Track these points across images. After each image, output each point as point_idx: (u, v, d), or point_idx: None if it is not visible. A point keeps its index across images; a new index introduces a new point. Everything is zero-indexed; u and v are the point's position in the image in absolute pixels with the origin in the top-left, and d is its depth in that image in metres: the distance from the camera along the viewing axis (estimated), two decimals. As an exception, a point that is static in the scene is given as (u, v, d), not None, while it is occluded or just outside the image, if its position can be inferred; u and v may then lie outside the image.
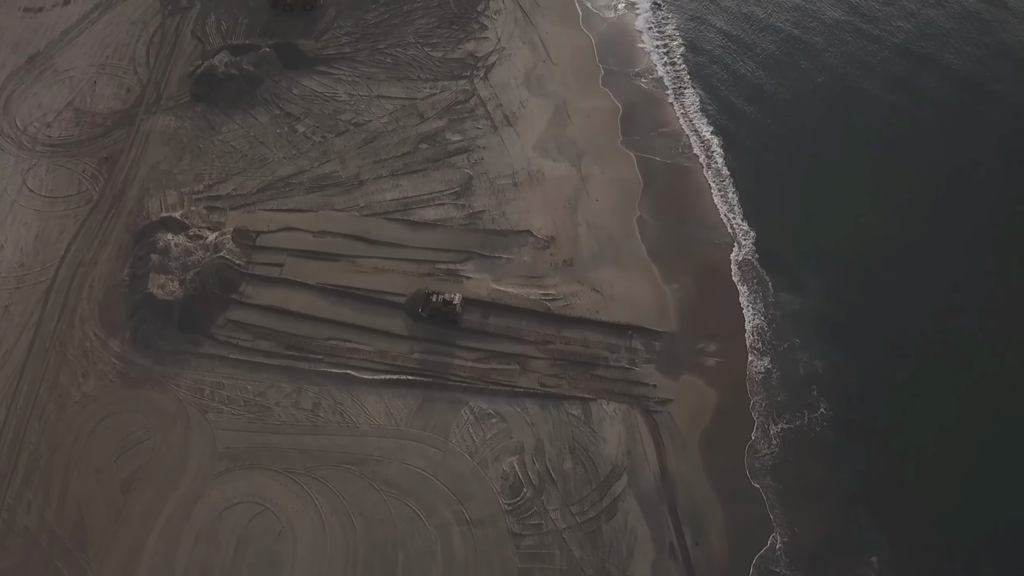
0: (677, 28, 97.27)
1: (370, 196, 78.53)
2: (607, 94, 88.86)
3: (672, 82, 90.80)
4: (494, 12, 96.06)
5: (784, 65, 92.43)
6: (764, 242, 76.78)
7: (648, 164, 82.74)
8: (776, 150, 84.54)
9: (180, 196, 77.74)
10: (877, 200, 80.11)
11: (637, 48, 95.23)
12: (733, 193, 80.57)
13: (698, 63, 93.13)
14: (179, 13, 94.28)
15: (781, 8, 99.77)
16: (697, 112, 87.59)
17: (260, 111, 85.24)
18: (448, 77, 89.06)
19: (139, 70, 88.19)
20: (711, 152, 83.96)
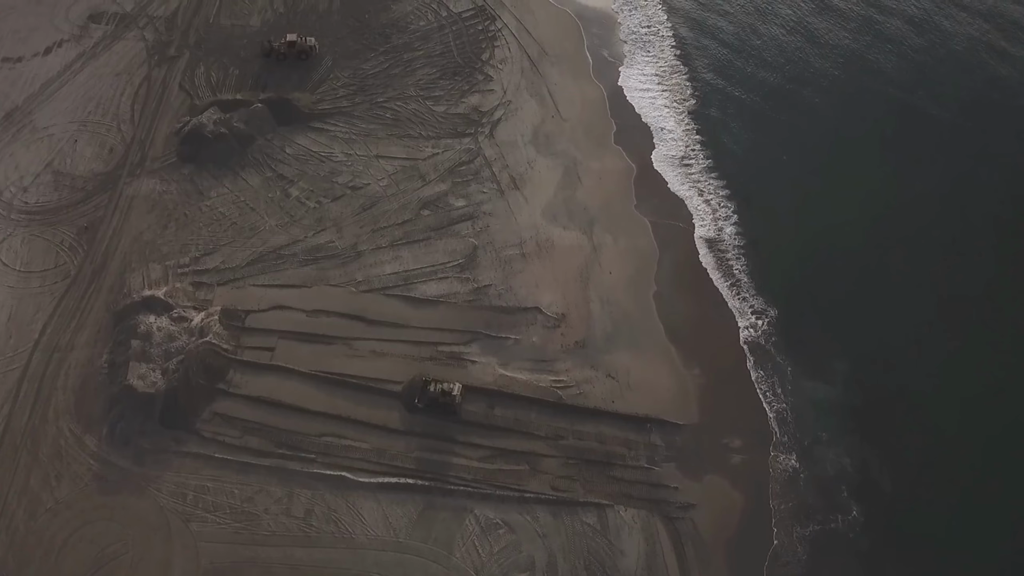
0: (690, 78, 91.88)
1: (368, 269, 73.40)
2: (620, 153, 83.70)
3: (688, 140, 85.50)
4: (499, 61, 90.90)
5: (804, 125, 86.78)
6: (785, 321, 71.79)
7: (665, 231, 77.65)
8: (794, 216, 79.32)
9: (164, 270, 72.61)
10: (906, 279, 74.77)
11: (650, 100, 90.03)
12: (753, 266, 75.38)
13: (713, 118, 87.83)
14: (166, 63, 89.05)
15: (799, 62, 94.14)
16: (714, 174, 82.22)
17: (251, 173, 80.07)
18: (451, 135, 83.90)
19: (123, 127, 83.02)
20: (727, 219, 78.72)
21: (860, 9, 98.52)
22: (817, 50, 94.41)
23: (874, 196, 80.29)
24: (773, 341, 70.42)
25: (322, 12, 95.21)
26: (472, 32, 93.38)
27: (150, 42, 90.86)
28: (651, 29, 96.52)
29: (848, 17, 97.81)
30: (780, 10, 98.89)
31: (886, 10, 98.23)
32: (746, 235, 77.42)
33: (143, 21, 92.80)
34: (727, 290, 73.85)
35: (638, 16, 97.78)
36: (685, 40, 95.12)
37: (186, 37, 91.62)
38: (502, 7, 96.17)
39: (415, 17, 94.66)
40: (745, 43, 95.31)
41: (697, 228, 78.07)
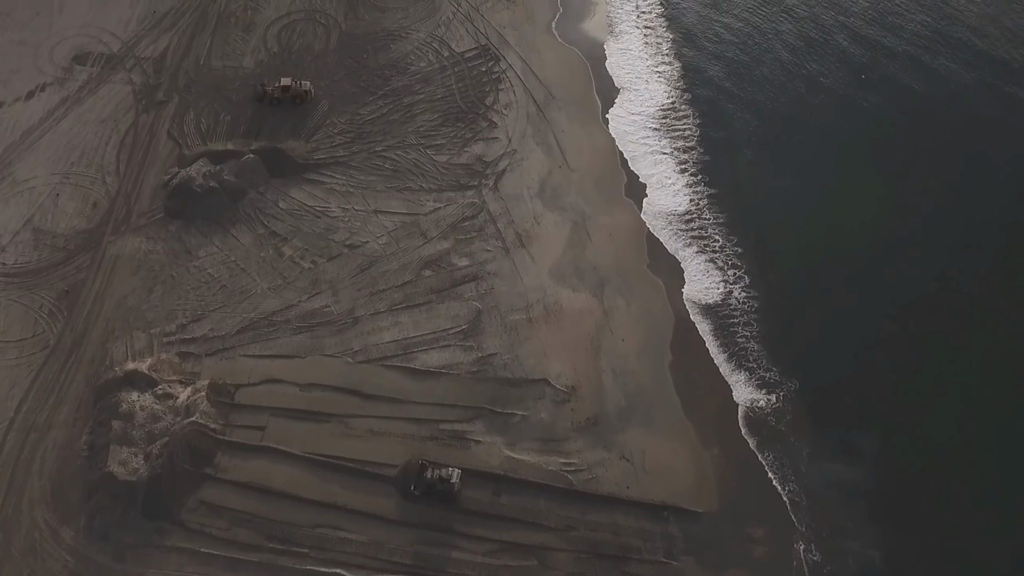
0: (700, 124, 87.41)
1: (365, 337, 69.08)
2: (631, 207, 79.42)
3: (697, 193, 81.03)
4: (504, 106, 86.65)
5: (820, 186, 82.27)
6: (809, 394, 67.31)
7: (681, 293, 73.29)
8: (810, 276, 74.99)
9: (149, 339, 68.31)
10: (931, 346, 70.43)
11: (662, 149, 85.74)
12: (764, 332, 70.86)
13: (722, 166, 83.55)
14: (154, 109, 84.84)
15: (811, 103, 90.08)
16: (728, 231, 77.82)
17: (242, 230, 75.81)
18: (454, 187, 79.63)
19: (108, 179, 78.75)
20: (736, 280, 74.21)
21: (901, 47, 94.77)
22: (823, 91, 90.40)
23: (898, 257, 75.99)
24: (803, 415, 66.02)
25: (318, 52, 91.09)
26: (475, 74, 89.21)
27: (137, 85, 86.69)
28: (660, 65, 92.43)
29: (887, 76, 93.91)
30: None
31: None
32: (757, 298, 72.81)
33: (130, 62, 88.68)
34: (748, 358, 69.39)
35: (646, 51, 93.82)
36: (693, 77, 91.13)
37: (175, 80, 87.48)
38: (506, 46, 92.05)
39: (415, 57, 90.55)
40: (756, 87, 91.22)
41: (715, 292, 73.60)
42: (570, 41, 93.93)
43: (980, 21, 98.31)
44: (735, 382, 68.06)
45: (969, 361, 69.28)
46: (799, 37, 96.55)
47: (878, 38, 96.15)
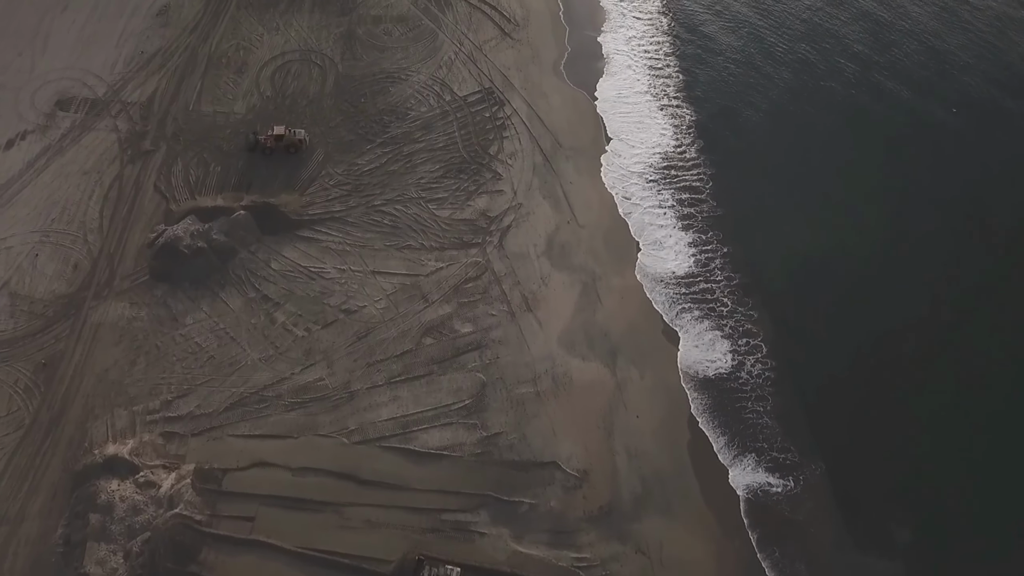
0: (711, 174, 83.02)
1: (362, 414, 64.70)
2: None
3: (704, 251, 76.50)
4: (509, 155, 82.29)
5: (839, 243, 77.74)
6: (834, 477, 62.90)
7: (689, 365, 68.90)
8: (837, 343, 70.71)
9: (132, 417, 63.92)
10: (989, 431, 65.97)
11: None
12: (780, 407, 66.47)
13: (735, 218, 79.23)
14: (140, 159, 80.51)
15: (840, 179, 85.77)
16: (740, 294, 73.38)
17: (232, 293, 71.43)
18: (457, 245, 75.27)
19: (90, 238, 74.40)
20: (748, 351, 69.73)
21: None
22: (841, 143, 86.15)
23: (934, 330, 71.52)
24: (832, 500, 61.63)
25: (313, 96, 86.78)
26: (479, 120, 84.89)
27: (123, 133, 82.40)
28: (670, 109, 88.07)
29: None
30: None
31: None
32: (772, 368, 68.40)
33: (116, 108, 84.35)
34: (773, 435, 64.98)
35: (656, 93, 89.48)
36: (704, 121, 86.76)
37: (163, 127, 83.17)
38: (511, 90, 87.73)
39: (416, 102, 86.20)
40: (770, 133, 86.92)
41: (733, 360, 69.17)
42: (579, 83, 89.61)
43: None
44: (744, 466, 63.52)
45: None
46: (816, 85, 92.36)
47: (901, 94, 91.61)
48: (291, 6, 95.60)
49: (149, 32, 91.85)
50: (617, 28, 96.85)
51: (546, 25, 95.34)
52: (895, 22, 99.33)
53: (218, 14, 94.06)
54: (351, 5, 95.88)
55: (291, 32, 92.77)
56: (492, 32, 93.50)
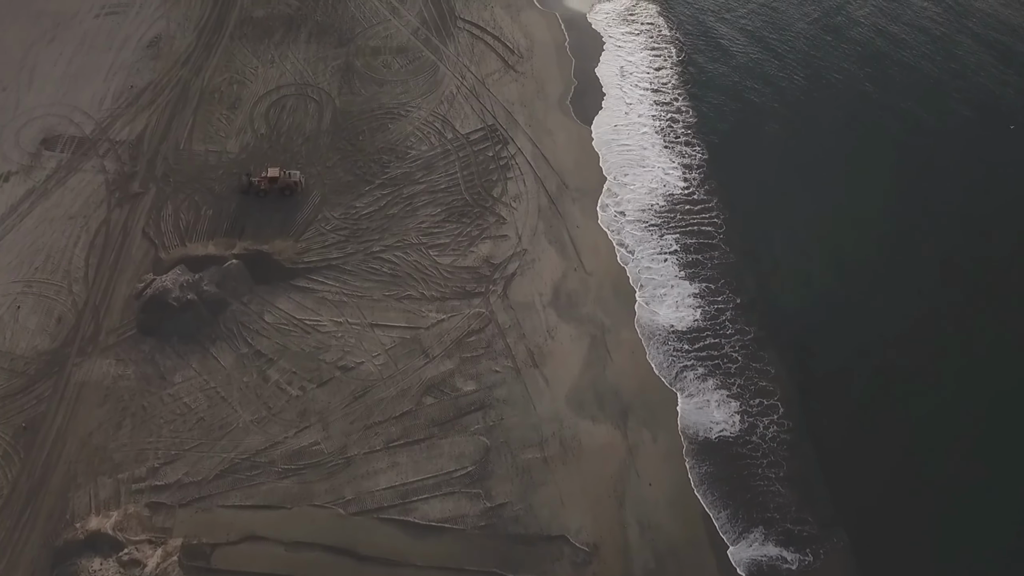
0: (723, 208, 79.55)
1: (359, 483, 61.30)
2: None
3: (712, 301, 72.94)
4: (513, 198, 78.93)
5: (864, 292, 74.47)
6: (867, 550, 59.45)
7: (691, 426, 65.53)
8: (860, 401, 67.43)
9: (116, 486, 60.50)
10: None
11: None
12: (820, 471, 63.04)
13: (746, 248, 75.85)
14: (128, 202, 77.13)
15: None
16: (760, 346, 69.91)
17: (223, 348, 68.03)
18: (459, 294, 71.91)
19: (75, 288, 71.03)
20: (761, 412, 66.25)
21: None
22: (863, 181, 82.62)
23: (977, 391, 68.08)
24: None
25: (309, 133, 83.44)
26: (482, 160, 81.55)
27: (111, 174, 79.05)
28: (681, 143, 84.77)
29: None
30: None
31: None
32: (787, 428, 64.90)
33: (104, 147, 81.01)
34: (794, 506, 61.59)
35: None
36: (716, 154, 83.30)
37: (152, 167, 79.83)
38: (515, 127, 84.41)
39: (416, 140, 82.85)
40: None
41: (754, 418, 65.80)
42: (585, 119, 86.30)
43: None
44: (752, 540, 59.99)
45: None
46: (838, 122, 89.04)
47: (933, 129, 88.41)
48: (287, 37, 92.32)
49: (139, 65, 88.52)
50: (625, 61, 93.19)
51: (551, 57, 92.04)
52: (913, 48, 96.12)
53: (211, 46, 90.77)
54: (349, 36, 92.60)
55: (286, 64, 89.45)
56: (495, 64, 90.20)
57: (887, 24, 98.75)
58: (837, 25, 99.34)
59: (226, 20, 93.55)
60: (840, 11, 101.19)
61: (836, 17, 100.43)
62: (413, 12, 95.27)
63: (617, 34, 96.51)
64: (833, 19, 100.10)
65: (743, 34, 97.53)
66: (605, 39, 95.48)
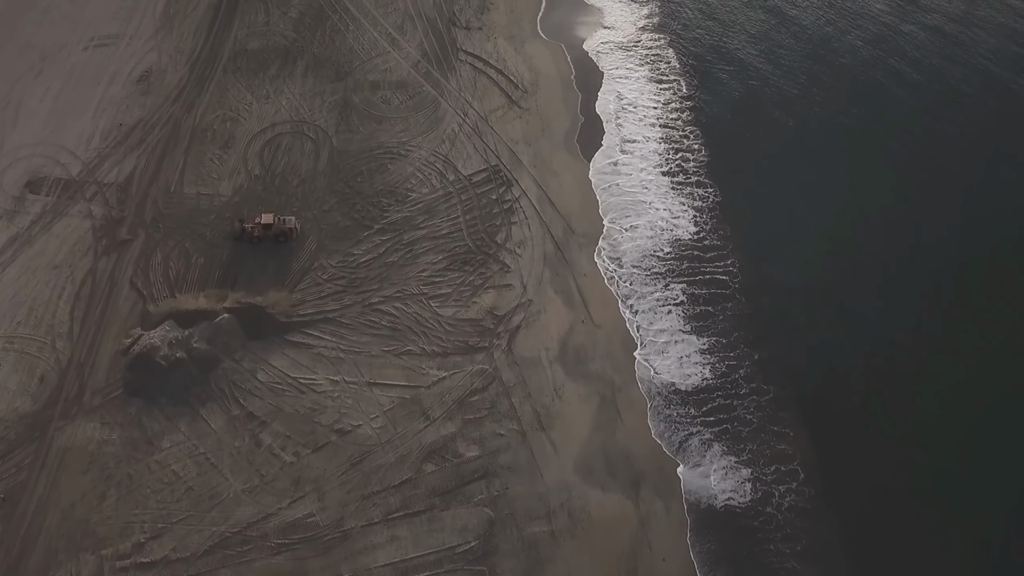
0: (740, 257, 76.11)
1: (356, 558, 57.95)
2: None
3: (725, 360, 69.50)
4: (517, 244, 75.65)
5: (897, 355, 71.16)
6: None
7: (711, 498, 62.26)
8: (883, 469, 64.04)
9: (99, 563, 57.11)
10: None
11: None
12: (845, 546, 59.66)
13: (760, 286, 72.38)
14: (116, 250, 73.85)
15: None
16: (779, 406, 66.54)
17: (214, 410, 64.71)
18: (461, 349, 68.63)
19: (59, 344, 67.71)
20: (804, 472, 62.89)
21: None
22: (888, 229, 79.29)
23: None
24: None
25: (305, 175, 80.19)
26: (485, 203, 78.30)
27: (98, 220, 75.78)
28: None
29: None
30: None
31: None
32: (808, 497, 61.52)
33: (91, 190, 77.75)
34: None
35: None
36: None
37: (141, 212, 76.60)
38: (519, 168, 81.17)
39: (417, 182, 79.58)
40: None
41: (775, 493, 62.37)
42: (592, 159, 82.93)
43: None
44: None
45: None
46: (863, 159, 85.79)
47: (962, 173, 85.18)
48: (282, 71, 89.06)
49: (129, 101, 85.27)
50: (632, 95, 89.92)
51: (556, 92, 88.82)
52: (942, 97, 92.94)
53: (203, 80, 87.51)
54: (347, 69, 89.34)
55: (282, 100, 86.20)
56: (498, 100, 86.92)
57: (919, 55, 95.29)
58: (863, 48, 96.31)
59: (220, 52, 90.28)
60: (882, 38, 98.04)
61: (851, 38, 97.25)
62: (413, 43, 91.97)
63: (625, 66, 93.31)
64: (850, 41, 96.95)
65: (758, 64, 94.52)
66: (612, 71, 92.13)
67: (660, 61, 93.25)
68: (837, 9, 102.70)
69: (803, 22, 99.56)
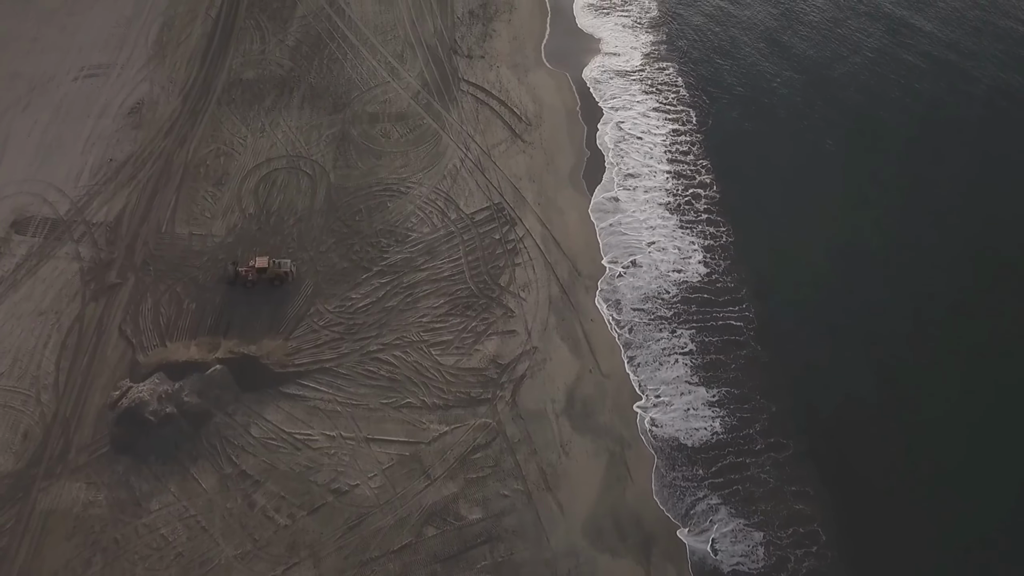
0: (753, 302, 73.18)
1: (354, 631, 55.25)
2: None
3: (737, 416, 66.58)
4: (521, 287, 72.82)
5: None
6: None
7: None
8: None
9: (83, 638, 54.46)
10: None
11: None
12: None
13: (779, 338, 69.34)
14: (105, 295, 71.02)
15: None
16: (798, 463, 63.66)
17: (205, 468, 61.90)
18: (463, 402, 65.83)
19: (44, 397, 64.90)
20: (826, 534, 60.06)
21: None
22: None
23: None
24: None
25: (301, 213, 77.39)
26: (488, 243, 75.47)
27: (86, 262, 72.98)
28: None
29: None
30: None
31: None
32: (830, 561, 58.59)
33: (79, 231, 74.94)
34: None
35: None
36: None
37: (131, 254, 73.78)
38: (523, 205, 78.35)
39: (417, 221, 76.76)
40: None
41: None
42: (594, 194, 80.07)
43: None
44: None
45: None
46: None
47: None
48: (278, 102, 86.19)
49: (120, 135, 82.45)
50: (639, 126, 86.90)
51: (561, 124, 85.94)
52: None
53: (196, 112, 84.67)
54: (345, 100, 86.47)
55: (278, 134, 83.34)
56: (502, 133, 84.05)
57: (932, 93, 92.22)
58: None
59: (214, 83, 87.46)
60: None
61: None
62: (414, 73, 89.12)
63: (632, 96, 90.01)
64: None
65: (775, 92, 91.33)
66: (618, 102, 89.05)
67: (668, 90, 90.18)
68: (847, 41, 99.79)
69: (808, 53, 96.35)
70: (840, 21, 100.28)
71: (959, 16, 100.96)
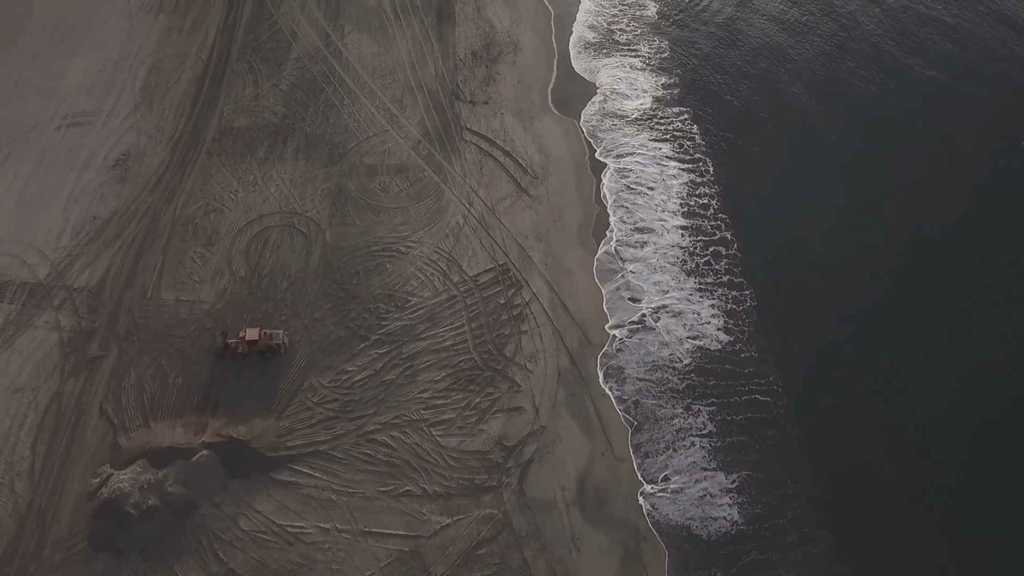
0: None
1: None
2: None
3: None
4: (528, 357, 68.47)
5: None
6: None
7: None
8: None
9: None
10: None
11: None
12: None
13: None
14: (85, 369, 66.74)
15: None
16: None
17: (190, 566, 57.60)
18: (466, 490, 61.48)
19: (18, 486, 60.65)
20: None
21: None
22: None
23: None
24: None
25: (295, 276, 73.07)
26: (492, 308, 71.16)
27: (66, 332, 68.72)
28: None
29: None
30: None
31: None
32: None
33: (59, 297, 70.70)
34: None
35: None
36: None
37: (114, 322, 69.49)
38: (530, 266, 74.01)
39: (418, 284, 72.41)
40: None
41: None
42: (598, 253, 75.76)
43: None
44: None
45: None
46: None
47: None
48: (271, 153, 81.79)
49: (104, 190, 78.15)
50: (653, 179, 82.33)
51: (569, 176, 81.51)
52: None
53: (185, 164, 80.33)
54: (341, 150, 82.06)
55: (271, 187, 79.00)
56: (506, 187, 79.63)
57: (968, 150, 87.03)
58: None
59: (204, 132, 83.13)
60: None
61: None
62: (414, 121, 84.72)
63: (643, 146, 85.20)
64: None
65: (793, 140, 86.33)
66: (630, 152, 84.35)
67: (683, 138, 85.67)
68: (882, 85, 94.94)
69: (842, 97, 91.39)
70: (886, 65, 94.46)
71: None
